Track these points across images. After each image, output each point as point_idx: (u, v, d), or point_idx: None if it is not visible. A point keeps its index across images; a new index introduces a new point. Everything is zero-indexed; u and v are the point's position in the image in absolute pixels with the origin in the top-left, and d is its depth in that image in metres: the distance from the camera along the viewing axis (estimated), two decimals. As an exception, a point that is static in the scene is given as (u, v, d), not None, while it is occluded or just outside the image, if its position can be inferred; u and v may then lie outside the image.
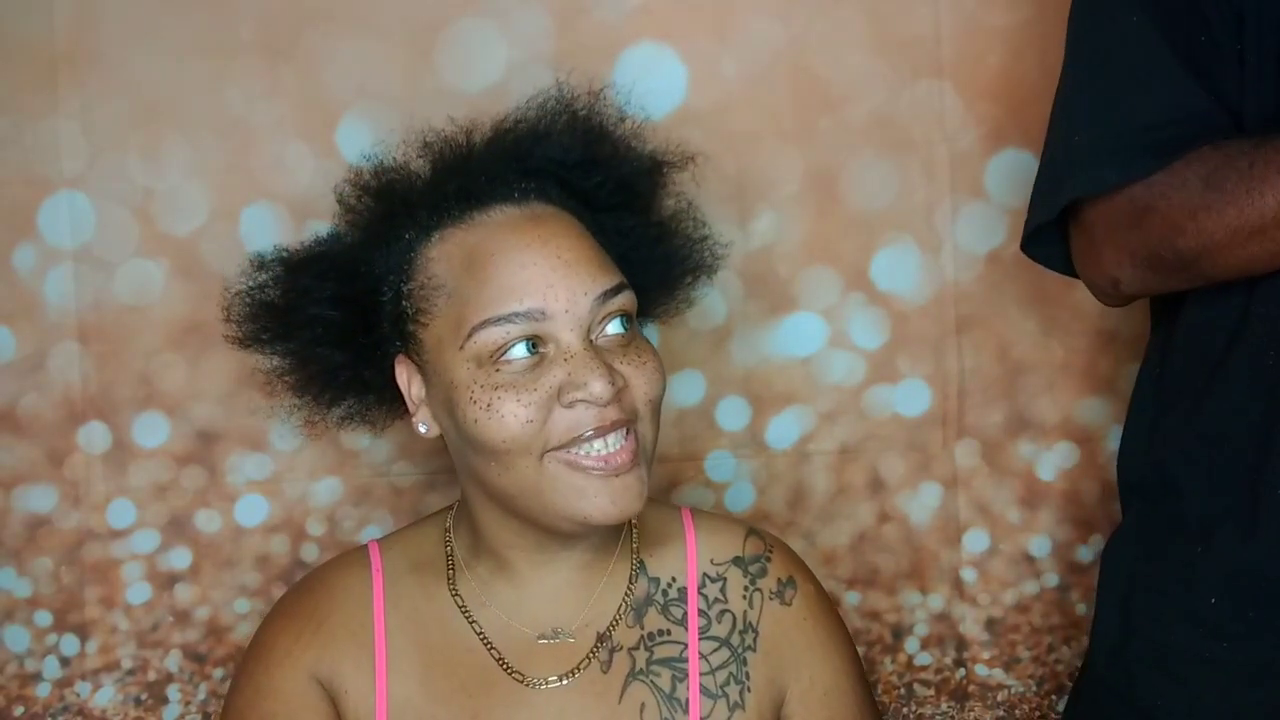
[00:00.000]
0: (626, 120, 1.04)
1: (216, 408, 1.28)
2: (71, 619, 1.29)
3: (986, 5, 1.29)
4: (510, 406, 0.87)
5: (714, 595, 0.98)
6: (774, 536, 1.04)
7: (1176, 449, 1.00)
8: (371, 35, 1.26)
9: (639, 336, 0.93)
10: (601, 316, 0.90)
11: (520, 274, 0.88)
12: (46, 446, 1.27)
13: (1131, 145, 0.95)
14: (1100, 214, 0.97)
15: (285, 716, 0.91)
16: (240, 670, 0.96)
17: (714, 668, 0.96)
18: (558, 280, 0.88)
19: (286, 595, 1.00)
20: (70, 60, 1.24)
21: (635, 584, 0.98)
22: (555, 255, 0.89)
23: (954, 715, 1.38)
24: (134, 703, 1.30)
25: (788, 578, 1.01)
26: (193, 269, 1.27)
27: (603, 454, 0.88)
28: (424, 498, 1.31)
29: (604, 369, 0.87)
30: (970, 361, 1.33)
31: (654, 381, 0.91)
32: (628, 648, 0.96)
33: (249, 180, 1.26)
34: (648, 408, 0.91)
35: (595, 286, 0.89)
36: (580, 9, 1.27)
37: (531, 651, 0.95)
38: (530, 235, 0.90)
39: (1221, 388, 0.97)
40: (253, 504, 1.30)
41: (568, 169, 0.98)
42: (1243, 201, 0.88)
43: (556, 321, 0.88)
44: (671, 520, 1.02)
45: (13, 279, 1.25)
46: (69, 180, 1.25)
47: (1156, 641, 1.01)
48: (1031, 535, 1.36)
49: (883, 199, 1.31)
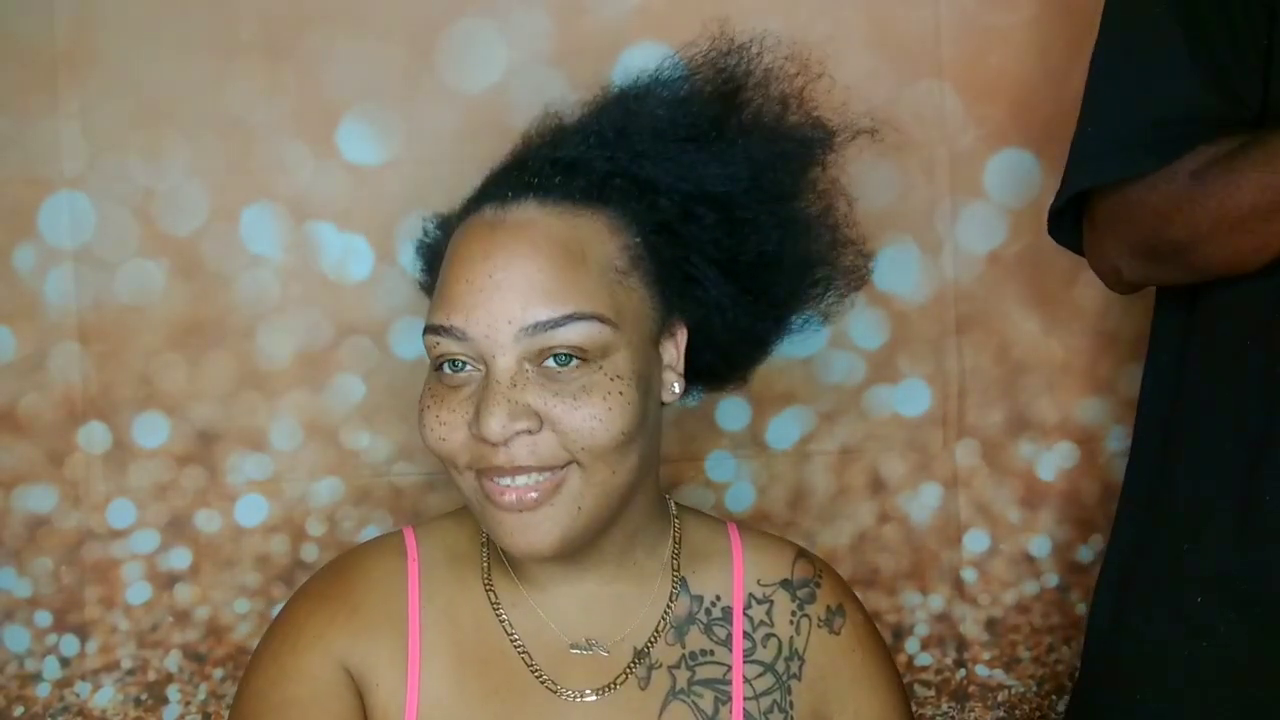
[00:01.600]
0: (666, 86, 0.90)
1: (216, 408, 1.28)
2: (71, 619, 1.29)
3: (986, 5, 1.29)
4: (430, 419, 0.83)
5: (759, 618, 0.93)
6: (823, 561, 0.99)
7: (1179, 444, 1.01)
8: (371, 35, 1.26)
9: (597, 378, 0.81)
10: (539, 349, 0.80)
11: (455, 287, 0.81)
12: (46, 446, 1.27)
13: (1138, 141, 0.96)
14: (1102, 205, 1.00)
15: (310, 700, 0.84)
16: (263, 650, 0.89)
17: (758, 693, 0.91)
18: (481, 303, 0.80)
19: (318, 576, 0.93)
20: (70, 60, 1.24)
21: (676, 601, 0.92)
22: (487, 275, 0.80)
23: (954, 715, 1.37)
24: (134, 703, 1.30)
25: (837, 605, 0.96)
26: (193, 269, 1.27)
27: (510, 487, 0.81)
28: (424, 498, 1.31)
29: (504, 408, 0.78)
30: (970, 361, 1.33)
31: (592, 430, 0.80)
32: (667, 665, 0.90)
33: (249, 180, 1.26)
34: (583, 454, 0.80)
35: (524, 316, 0.79)
36: (580, 9, 1.27)
37: (564, 661, 0.89)
38: (480, 246, 0.81)
39: (1225, 390, 0.98)
40: (253, 504, 1.30)
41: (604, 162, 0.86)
42: (1223, 194, 0.90)
43: (482, 345, 0.80)
44: (717, 535, 0.96)
45: (13, 279, 1.25)
46: (69, 180, 1.25)
47: (1145, 637, 1.01)
48: (1032, 535, 1.36)
49: (883, 199, 1.31)
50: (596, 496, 0.82)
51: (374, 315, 1.28)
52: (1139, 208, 0.96)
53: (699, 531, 0.96)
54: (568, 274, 0.81)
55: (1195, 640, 0.97)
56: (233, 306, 1.27)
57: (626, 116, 0.89)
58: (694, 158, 0.87)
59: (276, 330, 1.28)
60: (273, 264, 1.28)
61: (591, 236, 0.83)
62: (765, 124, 0.91)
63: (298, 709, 0.84)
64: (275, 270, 1.28)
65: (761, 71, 0.92)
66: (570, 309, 0.80)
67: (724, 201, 0.87)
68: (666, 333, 0.87)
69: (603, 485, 0.82)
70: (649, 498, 0.91)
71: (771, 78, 0.92)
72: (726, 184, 0.87)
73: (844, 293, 0.96)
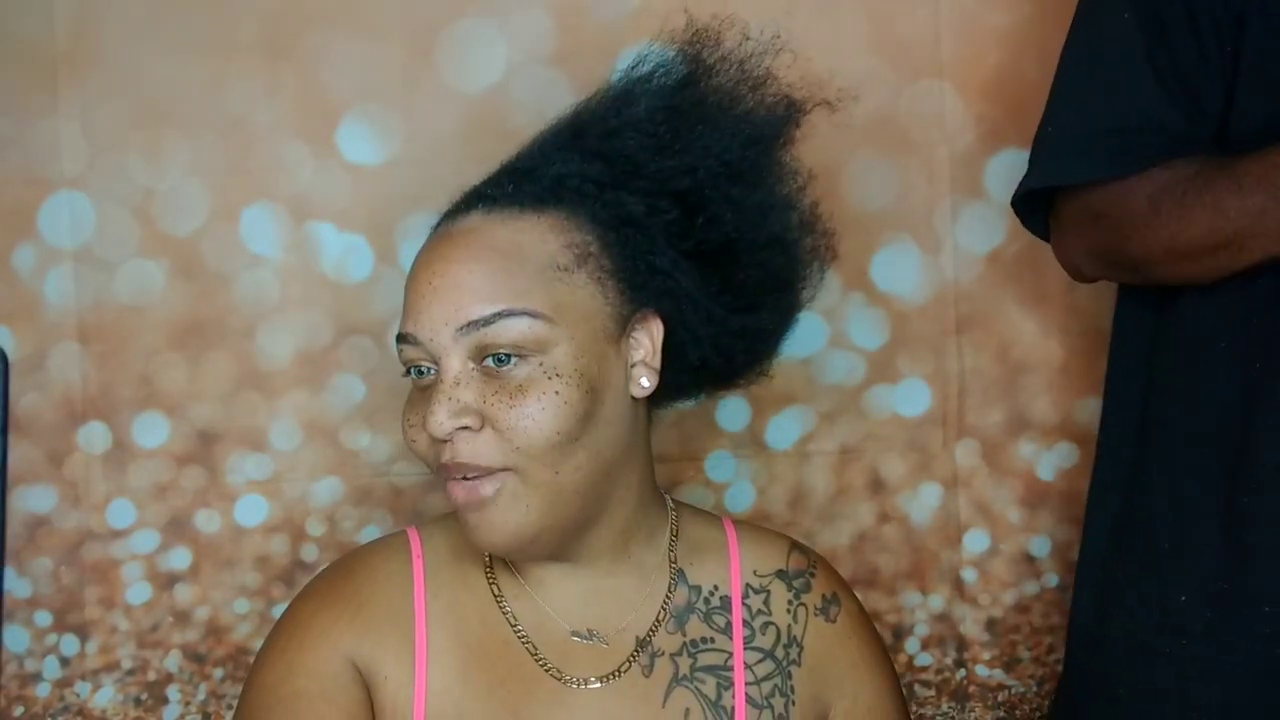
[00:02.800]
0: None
1: (216, 408, 1.28)
2: (71, 619, 1.29)
3: (986, 5, 1.29)
4: (404, 423, 0.87)
5: (757, 607, 0.96)
6: (816, 552, 1.01)
7: (1155, 444, 1.02)
8: (371, 35, 1.26)
9: (535, 376, 0.83)
10: (479, 349, 0.83)
11: (409, 296, 0.86)
12: (46, 446, 1.27)
13: (1094, 146, 0.99)
14: (1066, 206, 1.04)
15: (319, 694, 0.86)
16: (269, 647, 0.91)
17: (759, 678, 0.93)
18: (424, 308, 0.84)
19: (324, 574, 0.95)
20: (70, 60, 1.24)
21: (674, 592, 0.94)
22: (428, 281, 0.84)
23: (954, 715, 1.37)
24: (134, 703, 1.30)
25: (832, 594, 0.98)
26: (193, 269, 1.27)
27: (460, 483, 0.84)
28: (424, 498, 1.31)
29: (445, 406, 0.82)
30: (970, 361, 1.33)
31: (522, 425, 0.82)
32: (670, 653, 0.92)
33: (249, 180, 1.26)
34: (519, 454, 0.82)
35: (458, 317, 0.83)
36: (580, 9, 1.27)
37: (567, 649, 0.91)
38: (425, 255, 0.86)
39: (1200, 392, 0.99)
40: (252, 504, 1.30)
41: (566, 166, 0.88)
42: (1174, 226, 0.95)
43: (429, 348, 0.84)
44: (712, 529, 0.99)
45: (13, 279, 1.25)
46: (69, 180, 1.25)
47: (1128, 633, 1.03)
48: (1032, 535, 1.36)
49: (883, 199, 1.31)
50: (544, 497, 0.84)
51: (374, 315, 1.28)
52: (1100, 218, 0.99)
53: (695, 525, 0.98)
54: (500, 275, 0.84)
55: (1177, 639, 0.99)
56: (233, 306, 1.27)
57: (580, 118, 0.91)
58: (651, 152, 0.88)
59: (276, 330, 1.28)
60: (273, 264, 1.28)
61: (531, 238, 0.85)
62: (723, 110, 0.92)
63: (305, 702, 0.86)
64: (275, 270, 1.28)
65: (717, 57, 0.92)
66: (500, 306, 0.82)
67: (684, 193, 0.88)
68: (634, 327, 0.88)
69: (547, 486, 0.84)
70: (640, 494, 0.92)
71: (729, 61, 0.92)
72: (686, 177, 0.88)
73: (813, 274, 0.97)
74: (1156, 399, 1.03)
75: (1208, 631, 0.97)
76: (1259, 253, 0.92)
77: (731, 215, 0.90)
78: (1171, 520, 1.00)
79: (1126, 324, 1.09)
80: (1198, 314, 0.99)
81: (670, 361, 0.89)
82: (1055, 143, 1.03)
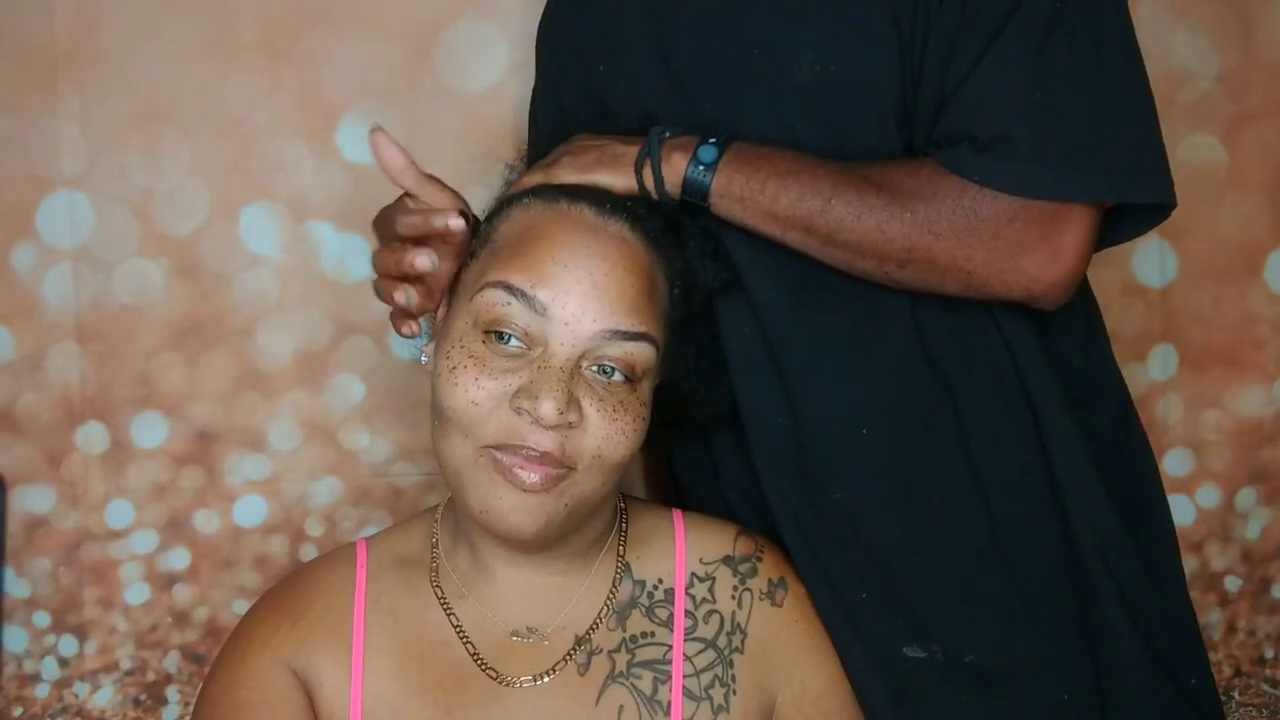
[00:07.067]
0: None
1: (215, 408, 1.28)
2: (70, 620, 1.29)
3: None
4: (466, 380, 0.86)
5: (702, 595, 0.97)
6: (765, 538, 1.02)
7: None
8: (371, 35, 1.26)
9: (632, 398, 0.88)
10: (600, 354, 0.87)
11: (549, 266, 0.87)
12: (45, 446, 1.27)
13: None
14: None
15: (260, 703, 0.90)
16: (217, 660, 0.96)
17: (698, 670, 0.95)
18: (577, 293, 0.86)
19: (270, 590, 1.00)
20: (70, 60, 1.24)
21: (619, 587, 0.96)
22: (588, 272, 0.87)
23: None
24: (133, 703, 1.30)
25: (779, 578, 0.99)
26: (192, 269, 1.26)
27: (528, 465, 0.86)
28: (424, 498, 1.31)
29: (564, 395, 0.84)
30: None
31: (614, 441, 0.87)
32: (608, 650, 0.94)
33: (249, 180, 1.26)
34: (593, 462, 0.87)
35: (609, 320, 0.87)
36: (580, 9, 1.27)
37: (506, 649, 0.94)
38: (582, 241, 0.89)
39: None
40: (251, 504, 1.30)
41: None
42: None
43: (553, 326, 0.86)
44: (661, 522, 1.01)
45: (11, 279, 1.25)
46: (68, 180, 1.25)
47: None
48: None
49: (883, 200, 1.30)
50: (581, 502, 0.88)
51: (374, 315, 1.28)
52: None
53: (644, 519, 1.01)
54: (647, 298, 0.90)
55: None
56: (232, 306, 1.27)
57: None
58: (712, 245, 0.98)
59: (276, 330, 1.28)
60: (272, 264, 1.28)
61: (659, 274, 0.92)
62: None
63: (248, 711, 0.90)
64: (275, 270, 1.28)
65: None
66: (645, 328, 0.88)
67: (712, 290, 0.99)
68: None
69: (590, 494, 0.89)
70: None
71: None
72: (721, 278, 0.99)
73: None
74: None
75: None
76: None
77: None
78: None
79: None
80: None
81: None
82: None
